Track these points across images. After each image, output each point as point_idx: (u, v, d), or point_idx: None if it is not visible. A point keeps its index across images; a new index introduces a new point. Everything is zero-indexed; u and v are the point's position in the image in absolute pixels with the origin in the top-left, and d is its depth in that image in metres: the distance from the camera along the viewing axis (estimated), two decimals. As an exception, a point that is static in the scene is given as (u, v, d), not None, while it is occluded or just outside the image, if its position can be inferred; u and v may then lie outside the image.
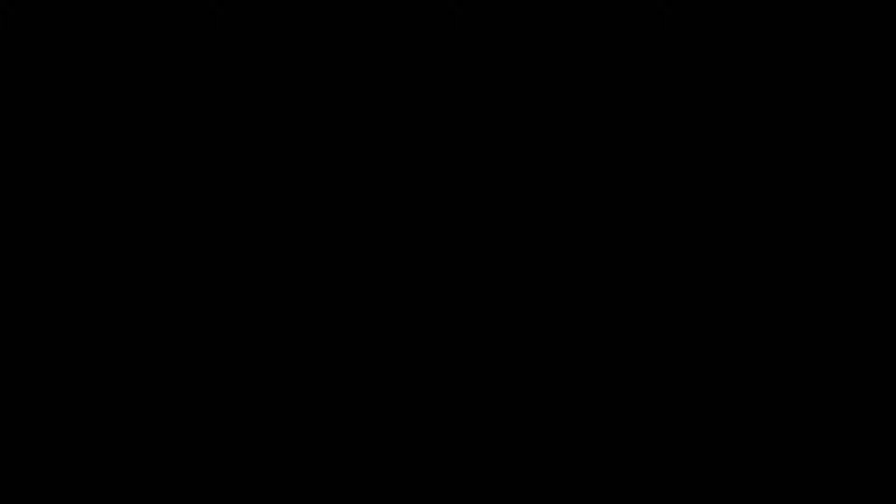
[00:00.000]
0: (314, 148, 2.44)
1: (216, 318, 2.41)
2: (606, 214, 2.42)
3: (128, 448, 2.38)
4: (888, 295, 2.37)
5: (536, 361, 2.40)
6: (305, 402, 2.40)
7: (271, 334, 2.41)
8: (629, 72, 2.42)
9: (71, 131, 2.43)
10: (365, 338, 2.41)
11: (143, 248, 2.41)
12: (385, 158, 2.44)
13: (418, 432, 2.40)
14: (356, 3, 2.44)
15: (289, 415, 2.40)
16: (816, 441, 2.37)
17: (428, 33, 2.43)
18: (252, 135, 2.43)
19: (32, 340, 2.39)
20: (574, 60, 2.43)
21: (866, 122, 2.41)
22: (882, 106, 2.40)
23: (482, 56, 2.44)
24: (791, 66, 2.42)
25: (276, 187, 2.43)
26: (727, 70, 2.42)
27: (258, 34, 2.44)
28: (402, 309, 2.41)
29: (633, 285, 2.41)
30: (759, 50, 2.42)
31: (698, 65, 2.42)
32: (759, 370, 2.39)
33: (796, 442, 2.37)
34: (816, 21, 2.42)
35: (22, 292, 2.40)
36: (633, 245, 2.41)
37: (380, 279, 2.42)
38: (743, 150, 2.42)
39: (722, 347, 2.39)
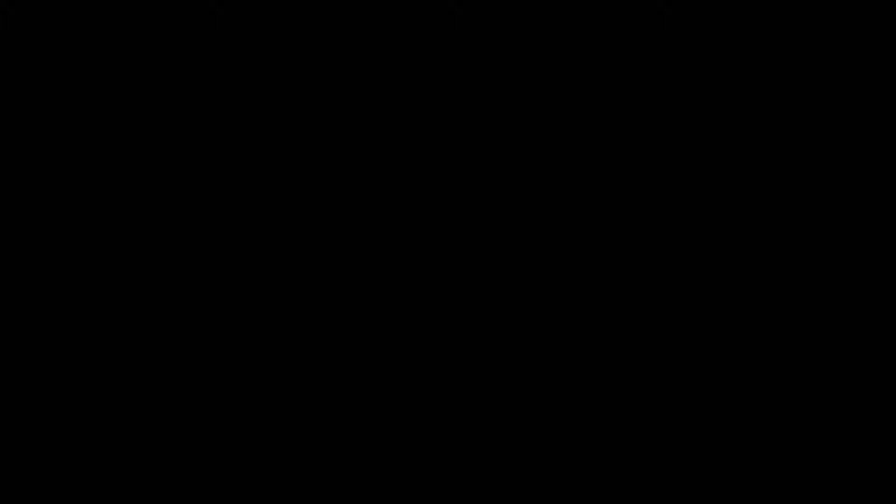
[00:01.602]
0: (314, 148, 2.44)
1: (216, 318, 2.41)
2: (606, 214, 2.42)
3: (128, 448, 2.38)
4: (888, 295, 2.37)
5: (536, 361, 2.40)
6: (305, 403, 2.40)
7: (271, 334, 2.41)
8: (629, 72, 2.42)
9: (71, 131, 2.43)
10: (365, 338, 2.41)
11: (143, 248, 2.41)
12: (385, 158, 2.44)
13: (418, 432, 2.40)
14: (356, 3, 2.44)
15: (289, 415, 2.40)
16: (816, 441, 2.37)
17: (428, 33, 2.44)
18: (252, 135, 2.44)
19: (32, 340, 2.39)
20: (574, 60, 2.43)
21: (866, 122, 2.41)
22: (882, 106, 2.40)
23: (482, 56, 2.44)
24: (791, 66, 2.42)
25: (276, 187, 2.43)
26: (727, 70, 2.42)
27: (258, 34, 2.44)
28: (402, 309, 2.41)
29: (632, 285, 2.41)
30: (759, 50, 2.42)
31: (698, 65, 2.42)
32: (759, 370, 2.39)
33: (796, 442, 2.37)
34: (816, 21, 2.42)
35: (22, 292, 2.40)
36: (634, 245, 2.41)
37: (380, 279, 2.42)
38: (743, 150, 2.42)
39: (722, 347, 2.39)
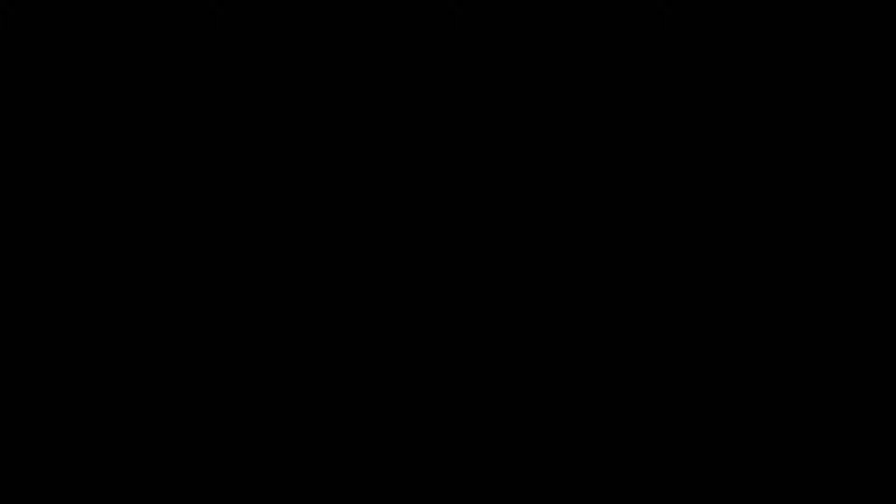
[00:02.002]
0: (314, 148, 2.44)
1: (216, 317, 2.41)
2: (606, 214, 2.42)
3: (127, 448, 2.38)
4: (888, 295, 2.37)
5: (536, 362, 2.40)
6: (305, 403, 2.40)
7: (271, 334, 2.41)
8: (629, 72, 2.42)
9: (71, 131, 2.43)
10: (364, 338, 2.41)
11: (142, 248, 2.41)
12: (385, 158, 2.44)
13: (418, 432, 2.40)
14: (356, 3, 2.44)
15: (288, 415, 2.40)
16: (816, 441, 2.37)
17: (428, 33, 2.43)
18: (252, 135, 2.43)
19: (32, 340, 2.39)
20: (574, 60, 2.43)
21: (866, 123, 2.40)
22: (882, 106, 2.40)
23: (482, 56, 2.44)
24: (791, 67, 2.42)
25: (275, 187, 2.43)
26: (727, 70, 2.42)
27: (258, 34, 2.44)
28: (401, 309, 2.41)
29: (632, 285, 2.41)
30: (759, 50, 2.42)
31: (698, 65, 2.42)
32: (759, 370, 2.39)
33: (796, 442, 2.37)
34: (816, 21, 2.42)
35: (22, 292, 2.40)
36: (633, 245, 2.41)
37: (379, 279, 2.42)
38: (743, 150, 2.42)
39: (722, 347, 2.39)
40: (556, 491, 2.37)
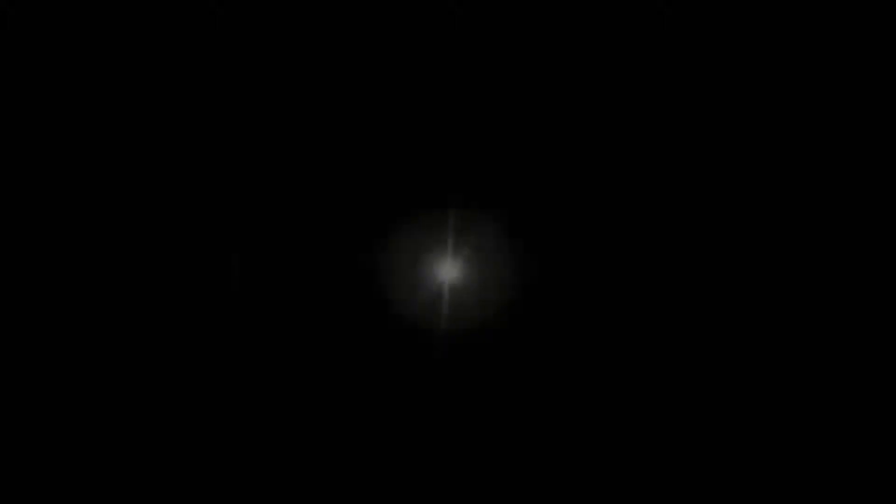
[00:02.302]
0: (314, 147, 2.44)
1: (215, 317, 2.42)
2: (606, 214, 2.42)
3: (126, 448, 2.39)
4: (888, 295, 2.38)
5: (537, 361, 2.41)
6: (304, 402, 2.41)
7: (269, 334, 2.42)
8: (629, 72, 2.43)
9: (70, 131, 2.43)
10: (362, 338, 2.42)
11: (141, 247, 2.42)
12: (384, 158, 2.45)
13: (418, 433, 2.41)
14: (356, 3, 2.45)
15: (288, 415, 2.41)
16: (816, 441, 2.38)
17: (428, 33, 2.44)
18: (251, 134, 2.44)
19: (32, 340, 2.40)
20: (574, 60, 2.44)
21: (866, 123, 2.41)
22: (882, 106, 2.41)
23: (482, 56, 2.44)
24: (791, 67, 2.43)
25: (275, 186, 2.44)
26: (727, 70, 2.43)
27: (258, 34, 2.44)
28: (400, 308, 2.42)
29: (632, 284, 2.41)
30: (759, 50, 2.43)
31: (698, 65, 2.43)
32: (760, 370, 2.40)
33: (796, 442, 2.38)
34: (816, 21, 2.42)
35: (22, 292, 2.41)
36: (633, 244, 2.42)
37: (378, 278, 2.43)
38: (743, 150, 2.43)
39: (722, 347, 2.40)
40: (556, 490, 2.38)
